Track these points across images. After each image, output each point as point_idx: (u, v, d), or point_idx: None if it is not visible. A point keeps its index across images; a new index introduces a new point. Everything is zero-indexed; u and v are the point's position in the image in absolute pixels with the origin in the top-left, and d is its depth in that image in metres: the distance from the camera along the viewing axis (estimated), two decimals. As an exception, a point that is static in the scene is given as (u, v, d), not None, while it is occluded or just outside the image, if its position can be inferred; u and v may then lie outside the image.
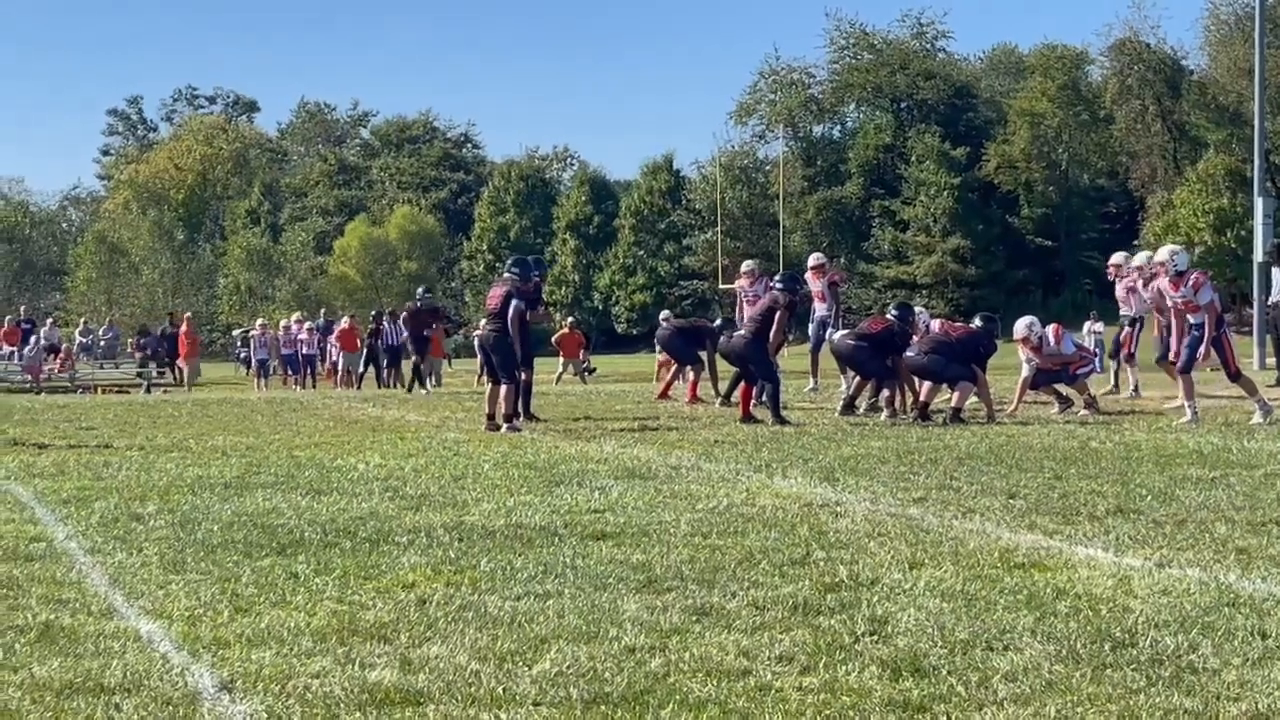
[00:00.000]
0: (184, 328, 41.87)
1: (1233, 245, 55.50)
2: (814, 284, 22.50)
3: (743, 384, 18.29)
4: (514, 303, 17.56)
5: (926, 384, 17.59)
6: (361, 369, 38.06)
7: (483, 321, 19.23)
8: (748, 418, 17.31)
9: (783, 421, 16.91)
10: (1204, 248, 54.02)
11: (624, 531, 8.74)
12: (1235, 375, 17.04)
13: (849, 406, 18.25)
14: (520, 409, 17.90)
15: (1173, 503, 9.68)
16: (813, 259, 23.57)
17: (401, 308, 41.77)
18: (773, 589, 6.97)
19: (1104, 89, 72.32)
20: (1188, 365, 16.62)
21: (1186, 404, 16.48)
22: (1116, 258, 22.36)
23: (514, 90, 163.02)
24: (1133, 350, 21.29)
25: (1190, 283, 16.64)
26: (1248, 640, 5.87)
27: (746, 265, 24.40)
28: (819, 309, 22.74)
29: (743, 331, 18.18)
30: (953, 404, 17.10)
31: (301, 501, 10.32)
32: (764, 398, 17.65)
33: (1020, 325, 18.96)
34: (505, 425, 16.90)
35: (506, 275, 18.40)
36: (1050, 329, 19.50)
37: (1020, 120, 72.95)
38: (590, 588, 7.08)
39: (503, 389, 17.31)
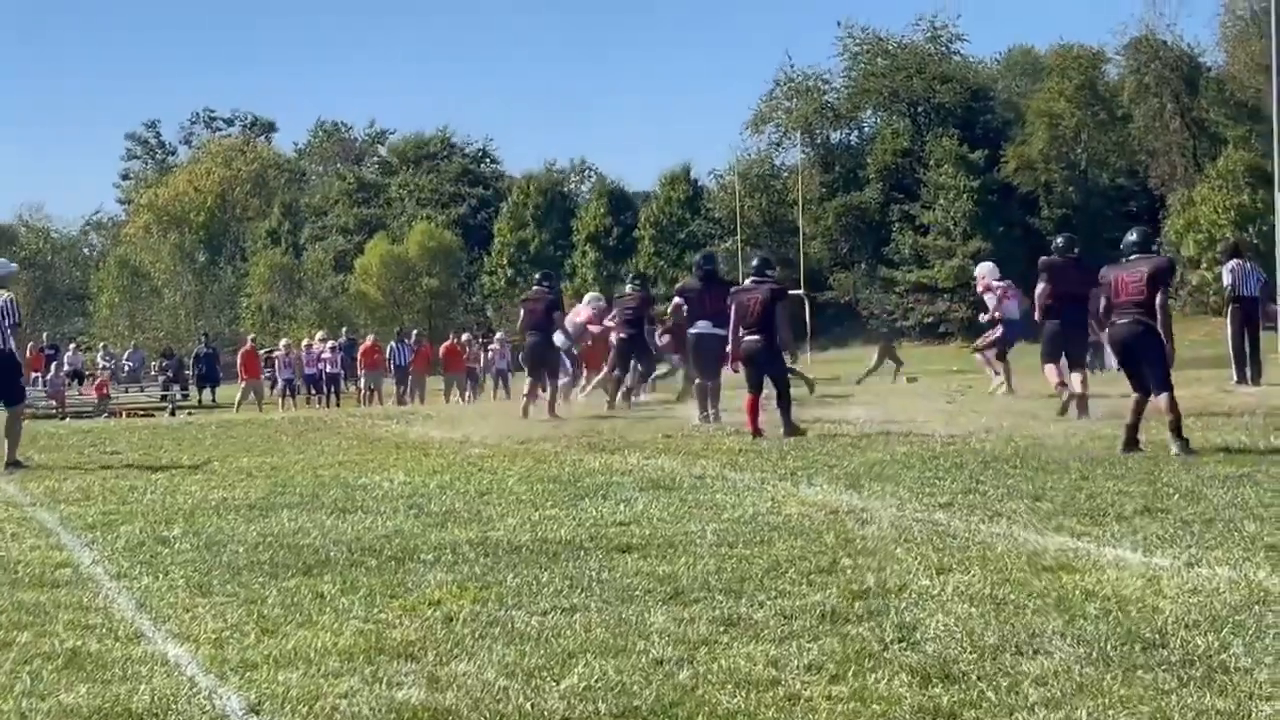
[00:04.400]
0: (247, 347, 41.53)
1: (1255, 241, 55.27)
2: None
3: (747, 395, 17.15)
4: (556, 313, 21.65)
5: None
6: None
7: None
8: (758, 433, 16.51)
9: (796, 431, 16.35)
10: (1225, 243, 53.83)
11: (650, 543, 8.72)
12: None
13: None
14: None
15: (1201, 501, 9.63)
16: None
17: (409, 327, 41.97)
18: (800, 598, 6.95)
19: (1121, 88, 72.22)
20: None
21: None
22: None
23: (531, 104, 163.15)
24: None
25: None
26: (1279, 638, 5.84)
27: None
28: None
29: (756, 337, 17.00)
30: None
31: (327, 521, 10.32)
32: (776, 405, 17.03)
33: (983, 267, 20.53)
34: (549, 414, 20.90)
35: (537, 289, 22.44)
36: (1006, 283, 21.76)
37: (1038, 121, 72.88)
38: (617, 600, 7.06)
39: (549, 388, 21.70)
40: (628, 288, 24.91)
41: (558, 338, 22.07)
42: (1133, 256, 13.47)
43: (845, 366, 26.03)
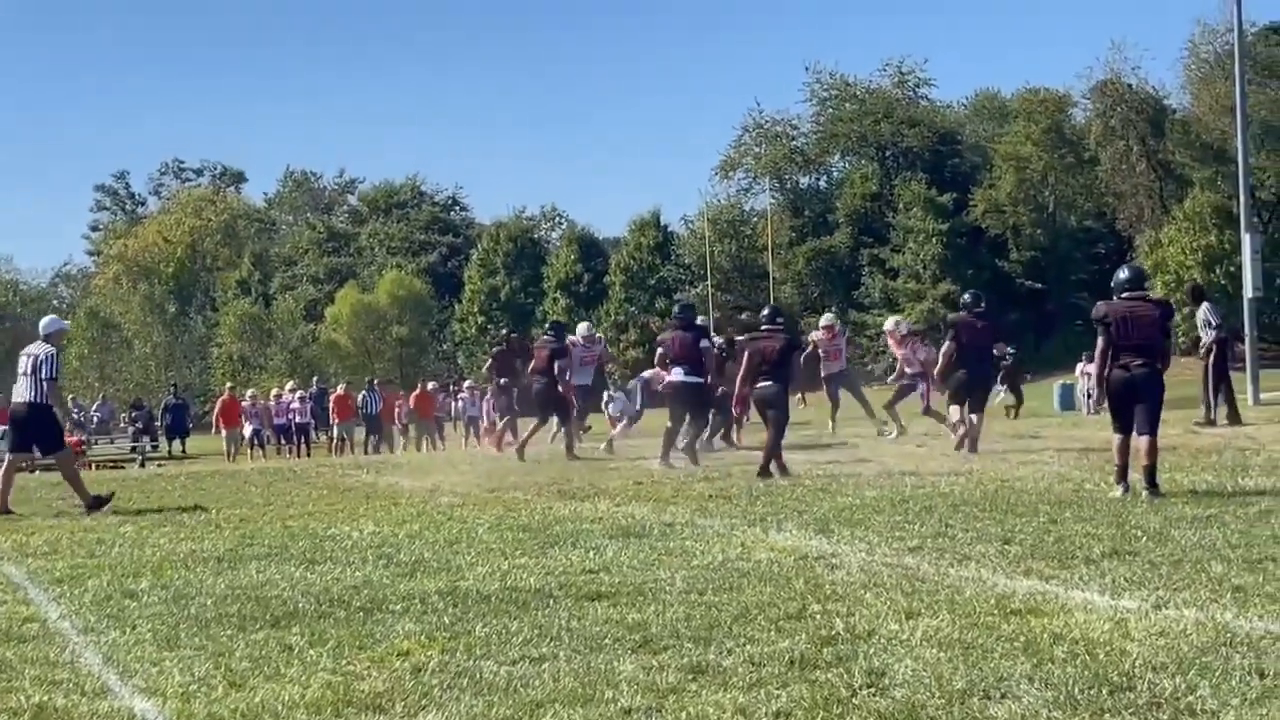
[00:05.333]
0: (226, 397, 41.00)
1: (1222, 281, 55.67)
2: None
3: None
4: (560, 360, 23.20)
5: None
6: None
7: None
8: (767, 472, 17.06)
9: (766, 473, 16.97)
10: (1193, 284, 54.12)
11: (619, 591, 8.70)
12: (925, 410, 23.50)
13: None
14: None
15: (1168, 543, 9.66)
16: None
17: (386, 376, 42.05)
18: (769, 644, 6.94)
19: (1088, 131, 72.64)
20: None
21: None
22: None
23: (500, 152, 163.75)
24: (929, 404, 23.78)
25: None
26: (1245, 679, 5.85)
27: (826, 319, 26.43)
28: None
29: (769, 382, 17.90)
30: None
31: (295, 572, 10.27)
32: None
33: (890, 321, 22.58)
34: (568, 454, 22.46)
35: (545, 338, 24.42)
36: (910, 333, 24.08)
37: (1005, 164, 73.28)
38: (586, 649, 7.04)
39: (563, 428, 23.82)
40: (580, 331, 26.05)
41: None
42: (1128, 294, 13.36)
43: (818, 411, 26.03)
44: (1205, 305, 23.58)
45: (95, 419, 48.52)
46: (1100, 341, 13.29)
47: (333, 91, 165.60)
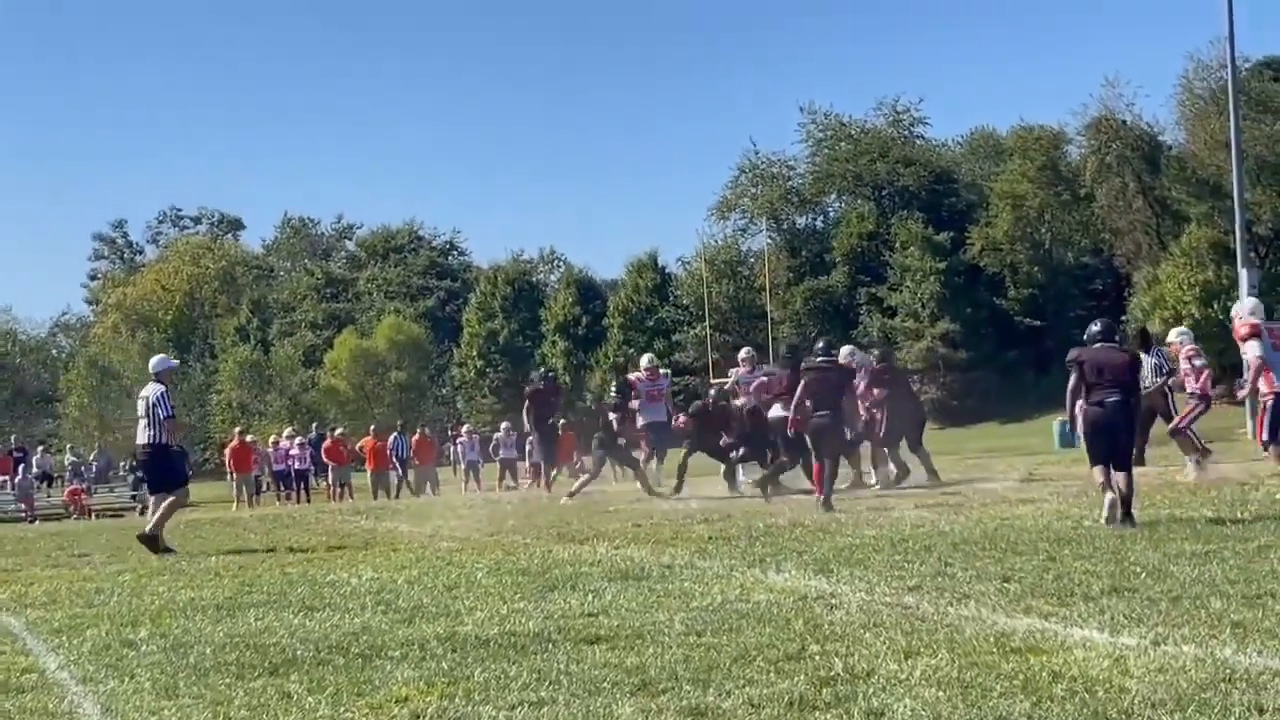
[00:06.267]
0: (235, 442, 40.61)
1: (1220, 317, 55.55)
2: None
3: (815, 463, 18.65)
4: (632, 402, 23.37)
5: None
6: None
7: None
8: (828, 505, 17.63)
9: (763, 490, 18.75)
10: (1191, 320, 54.13)
11: (618, 634, 8.69)
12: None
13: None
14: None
15: (1167, 579, 9.65)
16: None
17: (420, 420, 41.85)
18: (768, 686, 6.93)
19: (1083, 168, 72.63)
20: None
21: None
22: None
23: (497, 195, 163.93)
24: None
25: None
26: (1245, 716, 5.85)
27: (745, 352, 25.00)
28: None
29: (826, 413, 18.40)
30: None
31: (294, 619, 10.26)
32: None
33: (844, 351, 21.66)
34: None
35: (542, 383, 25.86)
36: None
37: (1002, 202, 73.31)
38: (585, 693, 7.03)
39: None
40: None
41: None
42: (1100, 343, 14.13)
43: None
44: (1159, 350, 22.04)
45: (94, 468, 48.52)
46: (1071, 380, 14.09)
47: (329, 138, 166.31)
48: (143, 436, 17.78)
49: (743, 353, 24.95)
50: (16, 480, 42.83)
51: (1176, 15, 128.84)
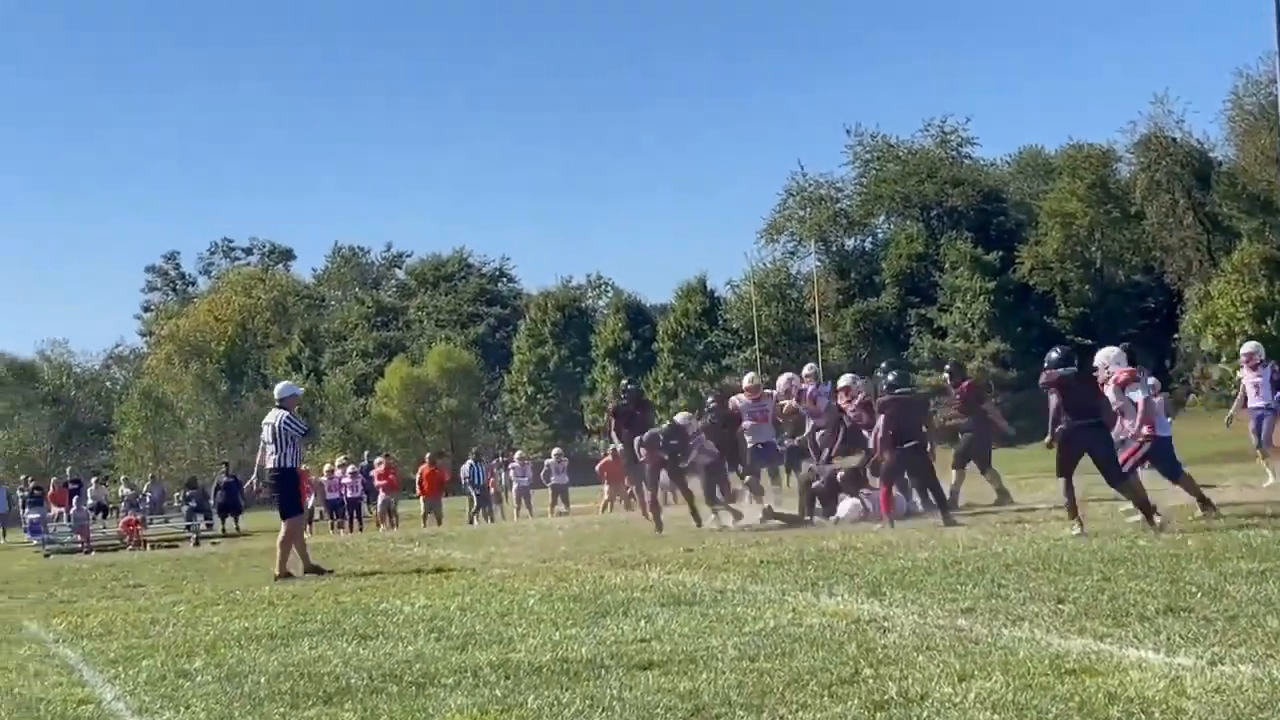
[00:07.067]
0: (426, 469, 40.66)
1: (1274, 333, 55.24)
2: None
3: (883, 485, 18.98)
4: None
5: None
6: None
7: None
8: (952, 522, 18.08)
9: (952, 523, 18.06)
10: (1245, 337, 53.79)
11: (671, 660, 8.68)
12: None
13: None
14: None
15: (1223, 598, 9.57)
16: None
17: (485, 446, 41.54)
18: (822, 710, 6.91)
19: (1133, 185, 72.36)
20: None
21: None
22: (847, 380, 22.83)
23: (545, 222, 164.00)
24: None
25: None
26: (1304, 736, 5.80)
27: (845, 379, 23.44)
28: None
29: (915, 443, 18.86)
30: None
31: (348, 648, 10.29)
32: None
33: (844, 378, 22.23)
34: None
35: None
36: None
37: (1051, 221, 73.07)
38: (638, 719, 7.02)
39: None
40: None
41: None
42: (1063, 369, 15.77)
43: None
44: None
45: (148, 499, 48.77)
46: (1053, 401, 15.76)
47: (378, 167, 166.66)
48: (270, 461, 18.28)
49: (807, 369, 24.52)
50: (72, 512, 43.08)
51: (1225, 31, 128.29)
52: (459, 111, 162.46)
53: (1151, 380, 19.10)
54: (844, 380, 22.55)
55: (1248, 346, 23.92)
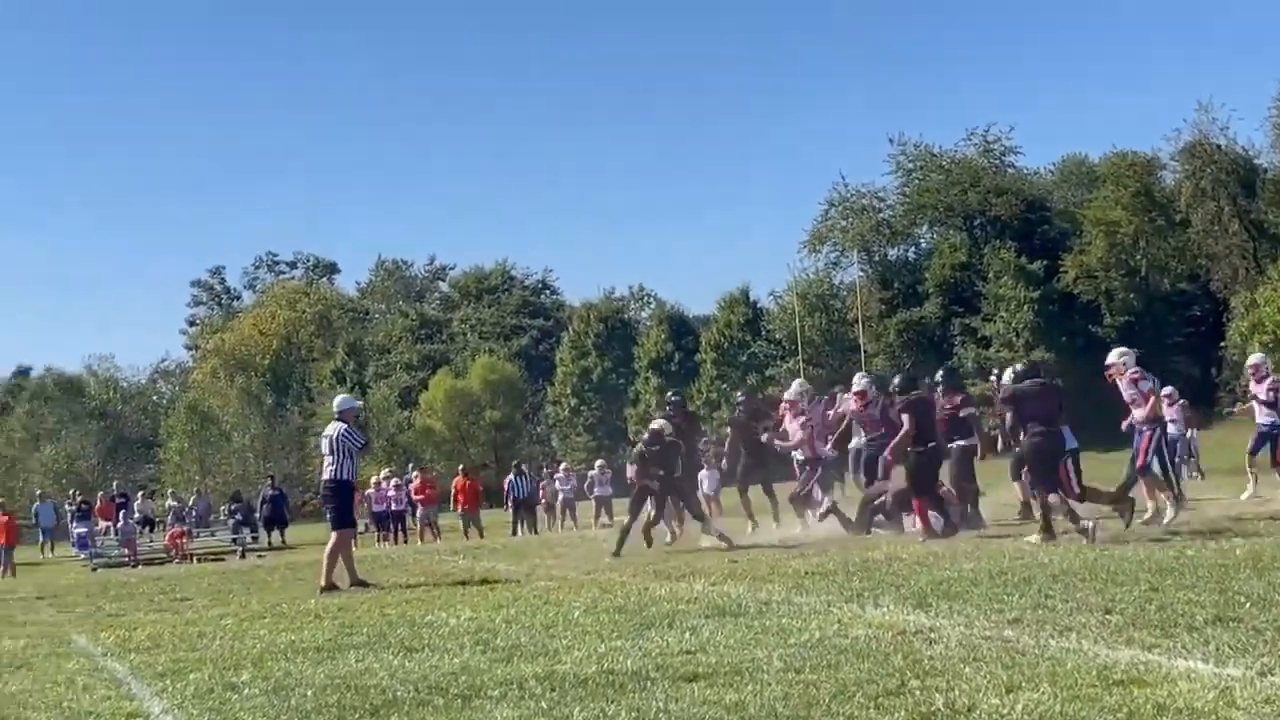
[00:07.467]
0: (419, 479, 41.13)
1: (1320, 342, 54.85)
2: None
3: (916, 500, 18.76)
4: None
5: None
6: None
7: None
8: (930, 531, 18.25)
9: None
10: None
11: (716, 671, 8.67)
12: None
13: None
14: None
15: (1273, 608, 9.51)
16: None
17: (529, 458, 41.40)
18: (868, 722, 6.89)
19: (1178, 193, 71.95)
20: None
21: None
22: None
23: (588, 233, 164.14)
24: None
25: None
26: (1355, 747, 5.76)
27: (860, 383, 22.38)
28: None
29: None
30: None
31: (394, 660, 10.32)
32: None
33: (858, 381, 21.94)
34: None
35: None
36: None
37: (1096, 230, 72.70)
38: (683, 732, 7.02)
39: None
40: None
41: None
42: (1029, 380, 17.22)
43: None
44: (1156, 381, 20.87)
45: (194, 512, 49.01)
46: (1010, 418, 16.83)
47: (421, 180, 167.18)
48: (326, 473, 18.56)
49: (863, 382, 22.25)
50: (119, 525, 43.35)
51: (1269, 38, 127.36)
52: (501, 127, 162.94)
53: (1168, 389, 19.62)
54: (859, 384, 22.02)
55: (1253, 358, 23.68)
